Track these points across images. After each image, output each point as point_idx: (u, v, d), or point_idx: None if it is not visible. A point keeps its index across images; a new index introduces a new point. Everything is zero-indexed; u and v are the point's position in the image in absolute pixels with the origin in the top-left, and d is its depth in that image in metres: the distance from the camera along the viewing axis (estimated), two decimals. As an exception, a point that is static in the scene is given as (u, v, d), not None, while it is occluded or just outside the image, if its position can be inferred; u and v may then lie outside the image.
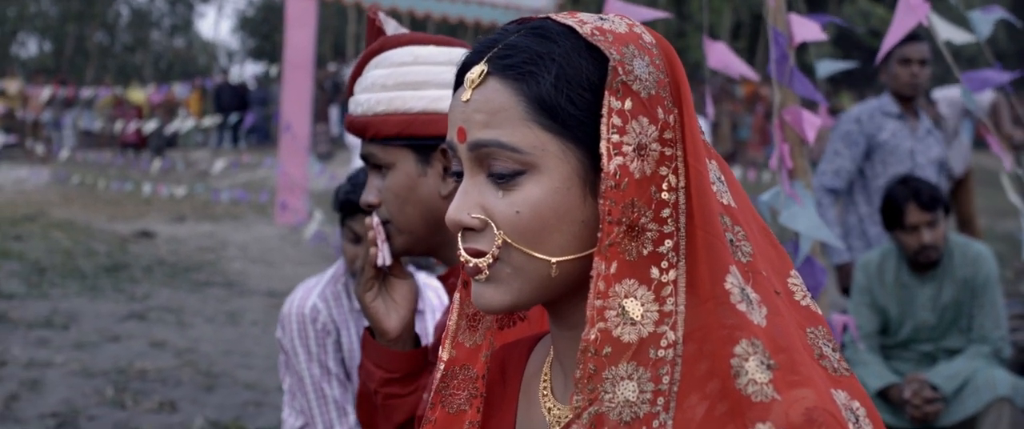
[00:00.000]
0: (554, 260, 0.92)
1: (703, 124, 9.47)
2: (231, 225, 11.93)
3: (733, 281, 0.88)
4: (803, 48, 2.60)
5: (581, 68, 0.91)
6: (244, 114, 17.17)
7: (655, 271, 0.89)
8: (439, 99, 1.55)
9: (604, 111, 0.89)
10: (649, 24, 1.28)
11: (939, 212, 3.92)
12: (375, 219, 1.57)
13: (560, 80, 0.91)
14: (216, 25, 66.58)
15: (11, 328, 6.37)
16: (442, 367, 1.06)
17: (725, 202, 0.93)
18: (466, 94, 0.95)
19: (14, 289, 7.43)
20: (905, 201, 3.91)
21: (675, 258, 0.89)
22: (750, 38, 22.65)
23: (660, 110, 0.90)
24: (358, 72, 1.62)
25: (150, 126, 14.82)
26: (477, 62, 0.95)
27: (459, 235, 0.96)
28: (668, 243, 0.89)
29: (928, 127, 4.98)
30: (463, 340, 1.07)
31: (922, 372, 3.91)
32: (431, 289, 2.84)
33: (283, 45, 12.22)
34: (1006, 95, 6.05)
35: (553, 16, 0.95)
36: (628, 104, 0.89)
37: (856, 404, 0.90)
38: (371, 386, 1.62)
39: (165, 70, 34.06)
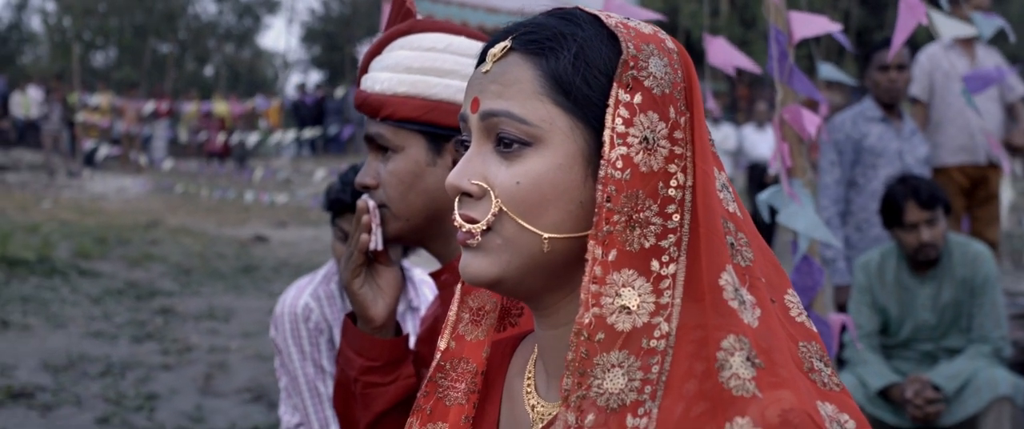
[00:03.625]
0: (546, 235, 0.93)
1: (772, 133, 9.56)
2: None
3: (727, 279, 0.88)
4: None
5: (600, 53, 0.93)
6: (342, 127, 18.07)
7: (655, 264, 0.89)
8: (462, 91, 1.50)
9: (611, 101, 0.91)
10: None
11: (938, 210, 3.90)
12: (371, 203, 1.52)
13: (578, 59, 0.93)
14: (287, 36, 67.81)
15: (181, 320, 7.26)
16: (439, 357, 1.06)
17: (730, 210, 0.94)
18: (487, 66, 0.97)
19: (170, 288, 8.33)
20: (904, 199, 3.91)
21: (676, 253, 0.90)
22: (808, 45, 23.08)
23: (672, 110, 0.91)
24: (378, 50, 1.58)
25: (253, 139, 15.75)
26: (503, 40, 0.98)
27: (456, 201, 0.97)
28: (671, 238, 0.90)
29: (912, 128, 5.02)
30: (464, 333, 1.07)
31: (923, 372, 3.91)
32: (427, 285, 2.82)
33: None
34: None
35: (582, 6, 0.98)
36: (638, 98, 0.91)
37: (845, 417, 0.89)
38: (351, 374, 1.59)
39: (232, 81, 35.19)
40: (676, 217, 0.90)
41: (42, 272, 8.18)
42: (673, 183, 0.90)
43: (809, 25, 2.41)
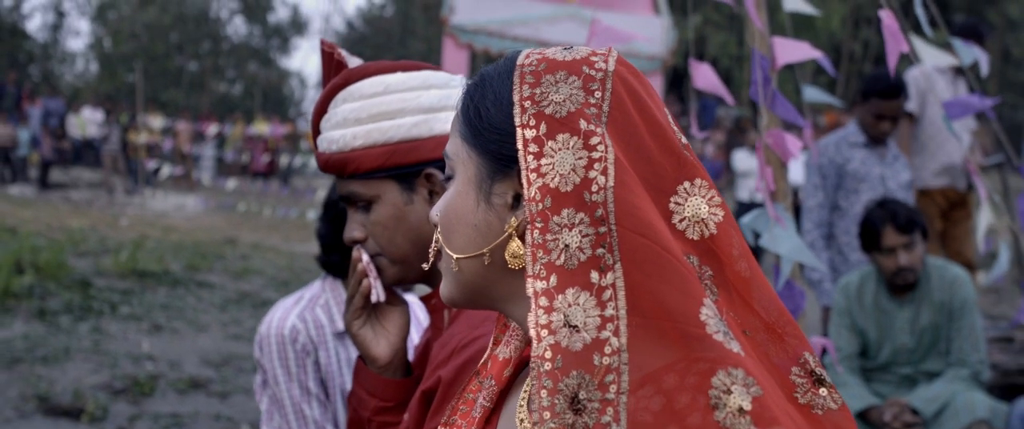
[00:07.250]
0: (455, 256, 1.01)
1: (805, 159, 10.16)
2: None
3: (708, 313, 0.89)
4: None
5: (497, 89, 0.99)
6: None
7: (595, 275, 0.90)
8: (417, 125, 1.52)
9: (519, 144, 0.94)
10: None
11: (916, 235, 3.91)
12: (364, 256, 1.54)
13: (475, 93, 1.01)
14: (318, 58, 68.69)
15: (299, 326, 8.23)
16: (480, 376, 1.11)
17: (695, 237, 0.94)
18: None
19: (276, 297, 9.31)
20: (882, 223, 3.91)
21: (611, 260, 0.90)
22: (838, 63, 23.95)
23: (583, 122, 0.93)
24: (322, 109, 1.58)
25: (307, 160, 16.69)
26: None
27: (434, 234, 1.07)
28: (603, 246, 0.90)
29: (895, 153, 5.02)
30: (498, 353, 1.11)
31: (902, 395, 3.90)
32: (414, 307, 2.82)
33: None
34: (988, 121, 6.19)
35: (530, 50, 1.02)
36: (543, 128, 0.94)
37: None
38: (364, 414, 1.59)
39: (261, 101, 36.13)
40: (604, 222, 0.91)
41: (167, 283, 9.18)
42: (594, 188, 0.91)
43: (792, 51, 2.39)
